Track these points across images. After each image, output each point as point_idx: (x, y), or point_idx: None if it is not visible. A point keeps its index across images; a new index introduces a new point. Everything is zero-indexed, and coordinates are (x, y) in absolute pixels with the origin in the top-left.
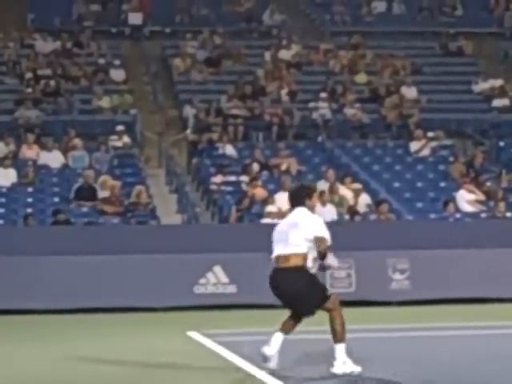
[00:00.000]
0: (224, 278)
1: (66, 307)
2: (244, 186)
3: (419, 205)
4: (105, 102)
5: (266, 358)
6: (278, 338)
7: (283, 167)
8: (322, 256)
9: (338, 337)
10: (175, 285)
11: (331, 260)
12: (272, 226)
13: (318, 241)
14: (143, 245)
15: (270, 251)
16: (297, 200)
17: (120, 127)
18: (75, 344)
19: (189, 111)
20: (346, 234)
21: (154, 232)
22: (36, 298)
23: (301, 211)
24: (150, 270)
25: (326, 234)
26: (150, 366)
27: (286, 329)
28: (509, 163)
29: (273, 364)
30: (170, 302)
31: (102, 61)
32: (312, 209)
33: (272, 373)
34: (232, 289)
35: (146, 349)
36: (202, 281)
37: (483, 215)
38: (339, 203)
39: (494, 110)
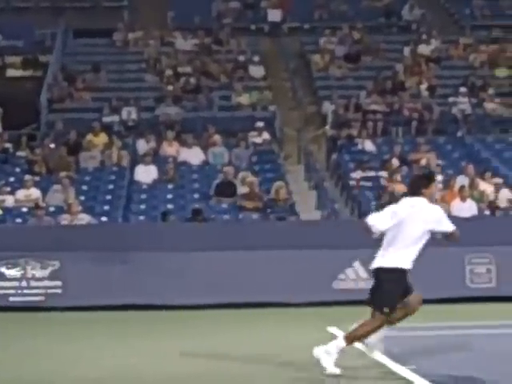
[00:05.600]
0: (363, 274)
1: (204, 303)
2: (383, 182)
3: None
4: (244, 99)
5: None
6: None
7: (423, 162)
8: None
9: (352, 335)
10: (314, 280)
11: None
12: None
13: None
14: (282, 240)
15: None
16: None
17: (259, 123)
18: (214, 339)
19: (328, 107)
20: (486, 230)
21: (294, 228)
22: (174, 293)
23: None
24: (289, 265)
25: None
26: (289, 361)
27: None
28: None
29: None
30: (309, 297)
31: (241, 57)
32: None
33: None
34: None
35: (285, 344)
36: (341, 276)
37: None
38: (479, 198)
39: None
